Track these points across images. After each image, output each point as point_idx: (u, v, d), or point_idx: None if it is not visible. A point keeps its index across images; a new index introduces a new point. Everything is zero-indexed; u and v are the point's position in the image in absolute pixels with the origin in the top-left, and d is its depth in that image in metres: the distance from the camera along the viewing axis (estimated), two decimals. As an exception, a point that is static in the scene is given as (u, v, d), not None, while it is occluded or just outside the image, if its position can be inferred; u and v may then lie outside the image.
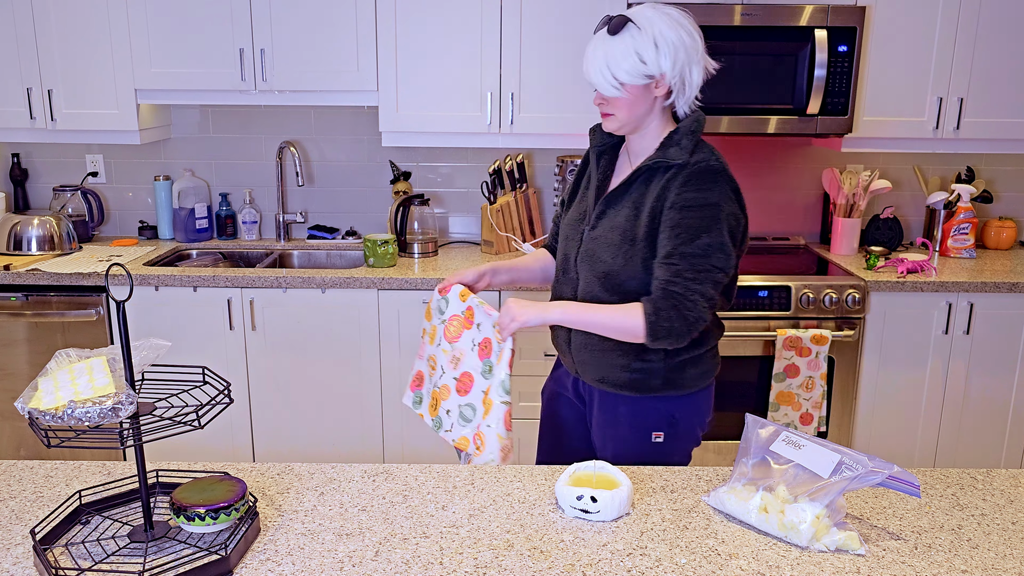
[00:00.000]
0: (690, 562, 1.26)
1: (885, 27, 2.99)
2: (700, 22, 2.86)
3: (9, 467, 1.55)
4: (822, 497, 1.32)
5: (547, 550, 1.29)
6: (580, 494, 1.37)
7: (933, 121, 3.07)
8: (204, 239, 3.43)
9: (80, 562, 1.24)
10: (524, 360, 2.98)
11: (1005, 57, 3.02)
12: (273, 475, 1.53)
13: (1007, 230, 3.41)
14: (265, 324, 2.97)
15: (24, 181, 3.48)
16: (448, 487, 1.49)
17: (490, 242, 3.28)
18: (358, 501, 1.44)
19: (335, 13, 2.98)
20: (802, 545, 1.30)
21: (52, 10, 2.99)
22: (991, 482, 1.53)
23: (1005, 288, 2.95)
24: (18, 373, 3.02)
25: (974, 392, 3.05)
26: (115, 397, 1.19)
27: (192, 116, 3.43)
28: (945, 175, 3.50)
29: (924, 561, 1.27)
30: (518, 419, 3.03)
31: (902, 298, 2.96)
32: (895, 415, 3.07)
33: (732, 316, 2.90)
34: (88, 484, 1.49)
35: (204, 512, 1.25)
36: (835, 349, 2.94)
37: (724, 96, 2.97)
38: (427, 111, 3.07)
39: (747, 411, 3.00)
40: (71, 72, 3.05)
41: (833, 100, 2.97)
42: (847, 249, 3.28)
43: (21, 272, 2.91)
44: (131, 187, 3.51)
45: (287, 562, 1.25)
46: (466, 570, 1.24)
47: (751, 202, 3.50)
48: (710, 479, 1.54)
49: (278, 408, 3.05)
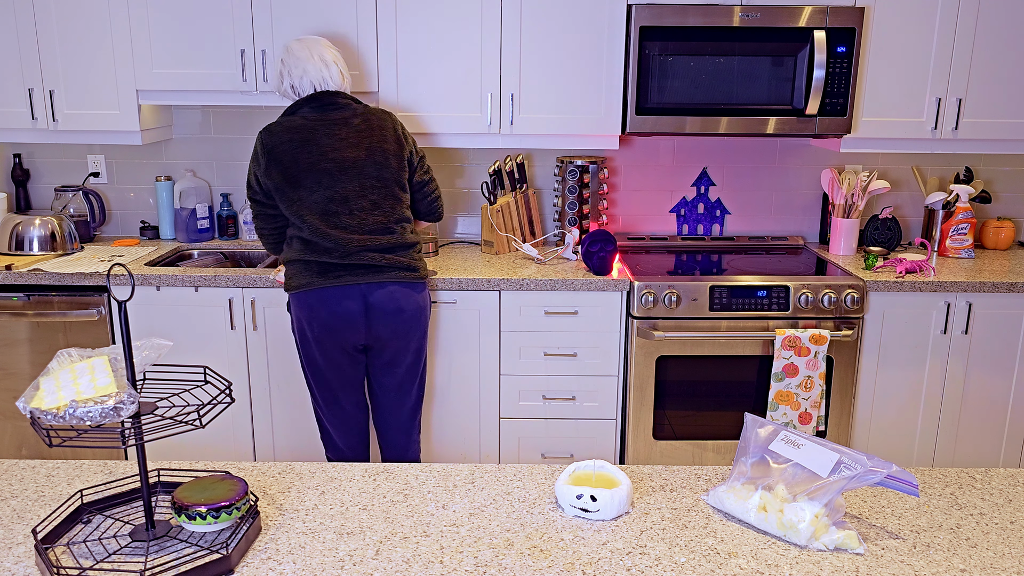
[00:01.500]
0: (689, 561, 1.27)
1: (884, 28, 2.99)
2: (700, 23, 2.90)
3: (11, 466, 1.56)
4: (821, 496, 1.32)
5: (547, 549, 1.30)
6: (580, 493, 1.38)
7: (932, 121, 3.08)
8: (205, 239, 3.43)
9: (81, 561, 1.24)
10: (524, 360, 2.99)
11: (1003, 58, 3.03)
12: (274, 474, 1.53)
13: (1005, 230, 3.42)
14: (266, 324, 2.97)
15: (26, 181, 3.48)
16: (448, 486, 1.49)
17: (490, 242, 3.29)
18: (359, 500, 1.44)
19: (336, 13, 2.99)
20: (801, 544, 1.31)
21: (53, 10, 3.00)
22: (989, 481, 1.54)
23: (1003, 288, 2.95)
24: (20, 373, 3.03)
25: (972, 392, 3.06)
26: (117, 396, 1.20)
27: (193, 117, 3.44)
28: (944, 175, 3.50)
29: (923, 560, 1.28)
30: (518, 419, 3.04)
31: (901, 298, 2.97)
32: (894, 414, 3.08)
33: (731, 316, 2.91)
34: (89, 483, 1.50)
35: (205, 511, 1.26)
36: (834, 349, 2.95)
37: (723, 96, 2.97)
38: (427, 111, 3.08)
39: (746, 410, 3.00)
40: (73, 73, 3.05)
41: (832, 101, 2.98)
42: (846, 249, 3.29)
43: (23, 272, 2.91)
44: (132, 187, 3.52)
45: (288, 561, 1.26)
46: (466, 569, 1.24)
47: (751, 202, 3.51)
48: (709, 478, 1.54)
49: (279, 408, 3.05)
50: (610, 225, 3.53)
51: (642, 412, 3.00)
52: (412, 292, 2.58)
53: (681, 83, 2.96)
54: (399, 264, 2.55)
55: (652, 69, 2.95)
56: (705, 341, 2.93)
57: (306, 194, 2.50)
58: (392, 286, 2.55)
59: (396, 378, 2.66)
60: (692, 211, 3.52)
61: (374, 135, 2.56)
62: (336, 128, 2.53)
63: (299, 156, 2.49)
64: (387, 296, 2.53)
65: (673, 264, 3.15)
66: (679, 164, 3.48)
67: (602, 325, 2.96)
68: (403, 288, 2.56)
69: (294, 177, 2.49)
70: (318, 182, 2.49)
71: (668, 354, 2.94)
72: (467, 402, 3.04)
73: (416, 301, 2.59)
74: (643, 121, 3.00)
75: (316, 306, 2.53)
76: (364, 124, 2.56)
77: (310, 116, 2.55)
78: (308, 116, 2.55)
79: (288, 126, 2.53)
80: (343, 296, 2.51)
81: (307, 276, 2.52)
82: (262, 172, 2.53)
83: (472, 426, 3.07)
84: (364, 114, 2.59)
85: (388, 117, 2.64)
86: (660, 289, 2.89)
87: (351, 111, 2.58)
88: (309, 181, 2.49)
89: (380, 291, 2.53)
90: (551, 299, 2.95)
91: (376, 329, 2.56)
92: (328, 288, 2.51)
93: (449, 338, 2.99)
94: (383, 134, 2.58)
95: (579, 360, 3.00)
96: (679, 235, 3.54)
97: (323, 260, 2.51)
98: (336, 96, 2.58)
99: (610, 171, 3.47)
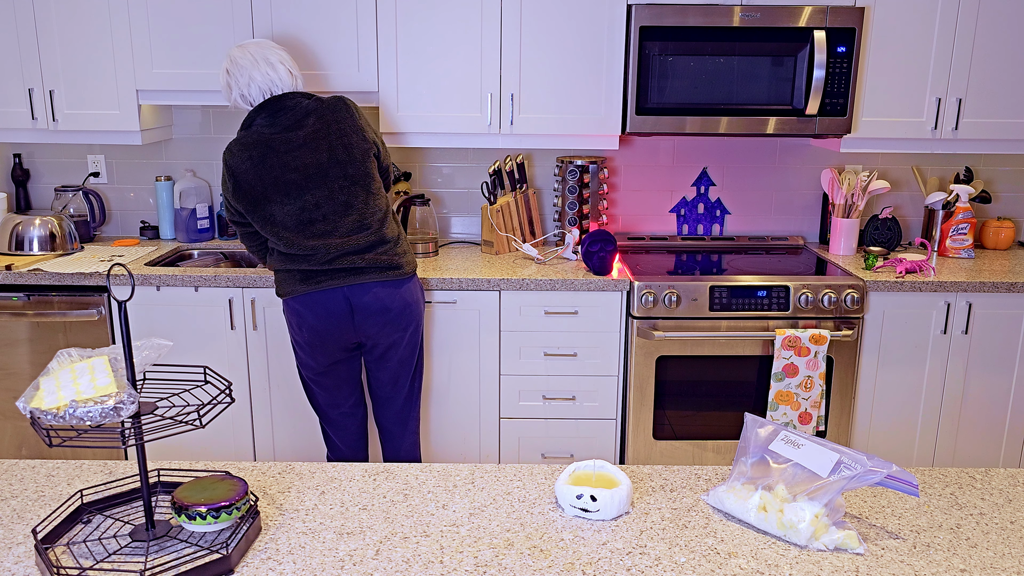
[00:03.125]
0: (689, 561, 1.27)
1: (884, 28, 2.99)
2: (700, 23, 2.90)
3: (11, 466, 1.56)
4: (821, 496, 1.32)
5: (547, 549, 1.30)
6: (580, 493, 1.38)
7: (932, 121, 3.08)
8: (205, 239, 3.43)
9: (81, 561, 1.24)
10: (524, 360, 2.99)
11: (1003, 58, 3.03)
12: (274, 474, 1.53)
13: (1005, 230, 3.42)
14: (266, 324, 2.97)
15: (26, 181, 3.48)
16: (448, 486, 1.49)
17: (490, 242, 3.29)
18: (359, 500, 1.44)
19: (336, 13, 2.99)
20: (801, 544, 1.31)
21: (53, 11, 3.00)
22: (989, 481, 1.54)
23: (1003, 288, 2.95)
24: (20, 373, 3.03)
25: (972, 392, 3.06)
26: (117, 396, 1.20)
27: (193, 117, 3.44)
28: (944, 175, 3.50)
29: (923, 560, 1.28)
30: (518, 419, 3.04)
31: (901, 298, 2.97)
32: (894, 414, 3.08)
33: (731, 316, 2.91)
34: (90, 483, 1.50)
35: (205, 511, 1.26)
36: (834, 349, 2.95)
37: (723, 96, 2.97)
38: (427, 111, 3.08)
39: (746, 410, 3.00)
40: (73, 73, 3.06)
41: (832, 101, 2.98)
42: (846, 249, 3.29)
43: (23, 272, 2.91)
44: (133, 187, 3.52)
45: (288, 561, 1.26)
46: (466, 569, 1.24)
47: (751, 202, 3.51)
48: (709, 478, 1.54)
49: (279, 408, 3.05)
50: (610, 225, 3.53)
51: (642, 412, 3.00)
52: (396, 290, 2.55)
53: (681, 83, 2.96)
54: (380, 263, 2.52)
55: (652, 69, 2.95)
56: (705, 341, 2.93)
57: (276, 208, 2.46)
58: (375, 287, 2.52)
59: (390, 372, 2.66)
60: (692, 211, 3.52)
61: (331, 131, 2.48)
62: (292, 134, 2.46)
63: (262, 173, 2.44)
64: (372, 298, 2.52)
65: (673, 264, 3.15)
66: (679, 164, 3.48)
67: (602, 325, 2.96)
68: (386, 287, 2.54)
69: (261, 194, 2.45)
70: (286, 195, 2.44)
71: (668, 354, 2.94)
72: (467, 402, 3.04)
73: (403, 297, 2.56)
74: (643, 121, 3.00)
75: (303, 312, 2.53)
76: (319, 123, 2.48)
77: (264, 129, 2.48)
78: (263, 129, 2.48)
79: (245, 143, 2.47)
80: (327, 300, 2.50)
81: (291, 284, 2.52)
82: (231, 195, 2.49)
83: (472, 426, 3.07)
84: (317, 111, 2.50)
85: (343, 105, 2.53)
86: (660, 289, 2.89)
87: (303, 110, 2.49)
88: (276, 196, 2.45)
89: (363, 293, 2.51)
90: (551, 299, 2.95)
91: (364, 328, 2.56)
92: (312, 293, 2.50)
93: (449, 338, 2.99)
94: (340, 127, 2.49)
95: (579, 360, 3.00)
96: (679, 235, 3.54)
97: (303, 268, 2.50)
98: (286, 99, 2.50)
99: (610, 171, 3.47)
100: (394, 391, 2.70)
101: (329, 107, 2.52)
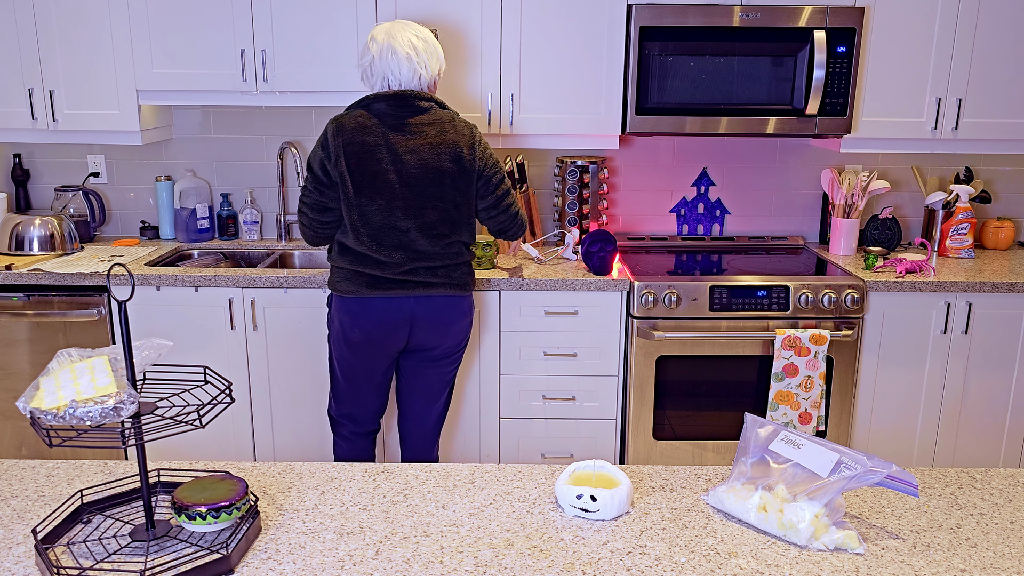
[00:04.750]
0: (689, 561, 1.27)
1: (884, 28, 3.00)
2: (700, 23, 2.90)
3: (11, 466, 1.56)
4: (821, 496, 1.32)
5: (547, 549, 1.30)
6: (580, 493, 1.38)
7: (932, 121, 3.08)
8: (205, 239, 3.43)
9: (81, 561, 1.24)
10: (524, 360, 2.99)
11: (1003, 58, 3.03)
12: (274, 474, 1.53)
13: (1005, 230, 3.42)
14: (266, 324, 2.97)
15: (26, 181, 3.48)
16: (448, 486, 1.49)
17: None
18: (359, 500, 1.44)
19: (336, 14, 2.99)
20: (801, 544, 1.31)
21: (53, 10, 3.00)
22: (989, 481, 1.54)
23: (1003, 288, 2.95)
24: (20, 373, 3.03)
25: (972, 392, 3.06)
26: (117, 396, 1.20)
27: (193, 117, 3.44)
28: (944, 175, 3.50)
29: (923, 560, 1.28)
30: (517, 418, 3.04)
31: (901, 298, 2.97)
32: (894, 415, 3.08)
33: (731, 316, 2.91)
34: (89, 483, 1.50)
35: (205, 511, 1.26)
36: (834, 349, 2.95)
37: (723, 96, 2.97)
38: (427, 111, 3.07)
39: (746, 410, 3.00)
40: (73, 72, 3.06)
41: (832, 101, 2.98)
42: (846, 249, 3.29)
43: (23, 272, 2.91)
44: (132, 187, 3.52)
45: (288, 561, 1.26)
46: (466, 569, 1.24)
47: (751, 202, 3.51)
48: (709, 478, 1.54)
49: (279, 408, 3.05)
50: (610, 225, 3.53)
51: (642, 412, 3.00)
52: (459, 303, 2.53)
53: (681, 83, 2.96)
54: (450, 281, 2.49)
55: (652, 69, 2.95)
56: (705, 341, 2.93)
57: (365, 202, 2.39)
58: (440, 299, 2.49)
59: (427, 380, 2.62)
60: (692, 211, 3.52)
61: (446, 152, 2.41)
62: (409, 137, 2.39)
63: (364, 160, 2.37)
64: (435, 307, 2.49)
65: (673, 264, 3.15)
66: (679, 164, 3.48)
67: (602, 325, 2.96)
68: (450, 300, 2.51)
69: (356, 181, 2.38)
70: (379, 192, 2.38)
71: (668, 354, 2.94)
72: (467, 402, 3.04)
73: (462, 311, 2.54)
74: (643, 121, 3.00)
75: (360, 314, 2.47)
76: (440, 137, 2.42)
77: (386, 117, 2.40)
78: (384, 116, 2.40)
79: (360, 124, 2.39)
80: (390, 306, 2.46)
81: (355, 285, 2.45)
82: (332, 163, 2.38)
83: (472, 426, 3.07)
84: (440, 123, 2.43)
85: (468, 130, 2.47)
86: (660, 289, 2.89)
87: (429, 119, 2.42)
88: (370, 190, 2.38)
89: (428, 302, 2.48)
90: (551, 299, 2.95)
91: (418, 337, 2.52)
92: (376, 298, 2.46)
93: (449, 338, 2.99)
94: (457, 151, 2.42)
95: (579, 360, 3.00)
96: (679, 235, 3.54)
97: (375, 274, 2.44)
98: (417, 99, 2.42)
99: (610, 171, 3.47)
100: (425, 405, 2.67)
101: (455, 126, 2.46)
